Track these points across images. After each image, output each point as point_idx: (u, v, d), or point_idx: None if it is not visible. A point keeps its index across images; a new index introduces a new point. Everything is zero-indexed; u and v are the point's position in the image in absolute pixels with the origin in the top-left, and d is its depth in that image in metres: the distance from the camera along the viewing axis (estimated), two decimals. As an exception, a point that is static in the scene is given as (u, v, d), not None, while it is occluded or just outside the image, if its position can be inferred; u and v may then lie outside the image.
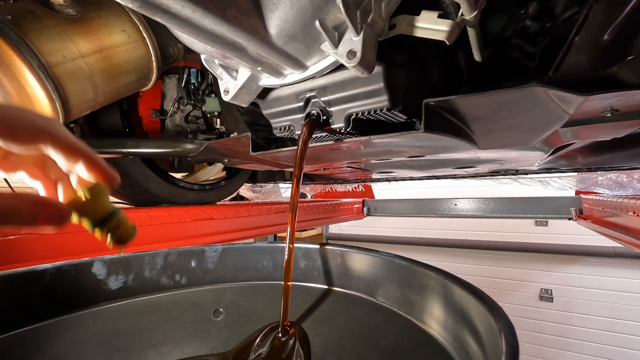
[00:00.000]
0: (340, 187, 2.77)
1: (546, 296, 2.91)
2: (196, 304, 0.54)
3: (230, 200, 1.82)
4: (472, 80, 0.67)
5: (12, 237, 0.68)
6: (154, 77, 0.80)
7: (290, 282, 0.47)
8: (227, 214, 1.26)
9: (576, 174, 1.82)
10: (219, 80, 0.53)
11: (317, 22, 0.37)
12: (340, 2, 0.34)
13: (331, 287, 0.53)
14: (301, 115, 0.59)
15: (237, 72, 0.51)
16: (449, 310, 0.38)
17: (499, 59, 0.63)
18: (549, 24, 0.58)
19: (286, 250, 0.48)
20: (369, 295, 0.50)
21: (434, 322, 0.41)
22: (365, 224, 3.70)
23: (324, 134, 0.60)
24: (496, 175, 1.68)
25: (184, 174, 1.37)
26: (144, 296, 0.51)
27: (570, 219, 2.04)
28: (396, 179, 1.93)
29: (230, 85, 0.52)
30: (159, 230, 0.99)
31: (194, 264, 0.55)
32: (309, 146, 0.54)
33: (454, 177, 1.79)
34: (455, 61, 0.65)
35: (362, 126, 0.57)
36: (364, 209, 2.75)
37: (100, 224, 0.29)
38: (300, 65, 0.46)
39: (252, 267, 0.56)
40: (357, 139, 0.59)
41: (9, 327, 0.40)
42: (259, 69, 0.46)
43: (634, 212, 1.13)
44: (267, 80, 0.51)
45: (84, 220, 0.29)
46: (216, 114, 1.10)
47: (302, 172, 0.52)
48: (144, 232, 0.95)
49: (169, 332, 0.51)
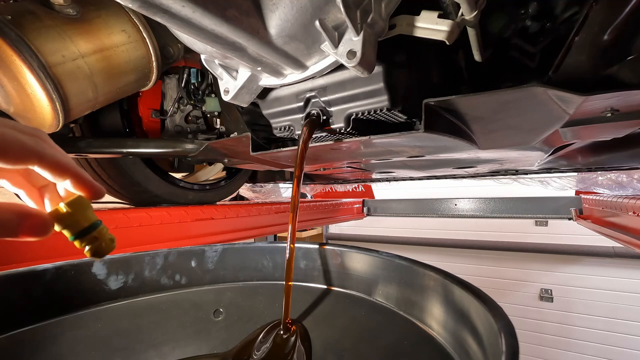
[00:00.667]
0: (340, 187, 2.77)
1: (546, 296, 2.91)
2: (196, 304, 0.54)
3: (230, 200, 1.82)
4: (472, 80, 0.67)
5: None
6: (154, 77, 0.80)
7: (291, 281, 0.48)
8: (227, 214, 1.26)
9: (576, 174, 1.82)
10: (219, 80, 0.53)
11: (317, 22, 0.37)
12: (340, 2, 0.34)
13: (331, 287, 0.53)
14: (301, 115, 0.59)
15: (237, 72, 0.51)
16: (449, 310, 0.38)
17: (499, 59, 0.63)
18: (549, 24, 0.58)
19: (287, 249, 0.48)
20: (369, 295, 0.50)
21: (434, 322, 0.41)
22: (365, 224, 3.70)
23: (324, 134, 0.60)
24: (496, 175, 1.68)
25: (184, 174, 1.37)
26: (144, 296, 0.51)
27: (570, 219, 2.04)
28: (396, 179, 1.93)
29: (230, 85, 0.52)
30: (159, 230, 0.99)
31: (194, 264, 0.55)
32: (309, 146, 0.54)
33: (454, 177, 1.79)
34: (455, 61, 0.65)
35: (362, 126, 0.57)
36: (364, 209, 2.75)
37: (80, 235, 0.30)
38: (300, 65, 0.46)
39: (252, 267, 0.57)
40: (357, 139, 0.59)
41: (9, 327, 0.40)
42: (259, 69, 0.46)
43: (634, 212, 1.13)
44: (267, 80, 0.51)
45: (65, 231, 0.29)
46: (216, 114, 1.10)
47: (302, 173, 0.52)
48: (144, 232, 0.95)
49: (169, 332, 0.51)
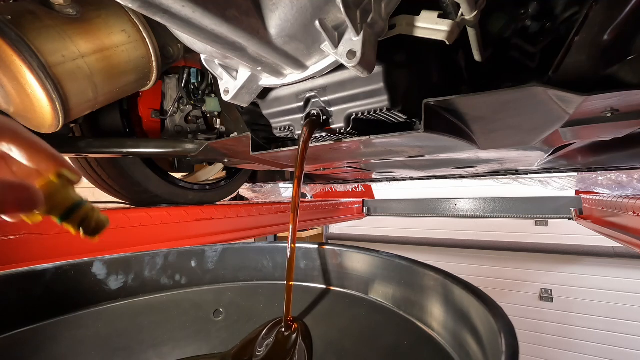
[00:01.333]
0: (340, 187, 2.77)
1: (546, 296, 2.91)
2: (196, 304, 0.54)
3: (230, 200, 1.82)
4: (472, 80, 0.67)
5: (12, 237, 0.68)
6: (154, 77, 0.80)
7: (292, 281, 0.48)
8: (227, 214, 1.26)
9: (576, 174, 1.82)
10: (219, 80, 0.53)
11: (317, 22, 0.37)
12: (340, 2, 0.34)
13: (331, 287, 0.53)
14: (301, 115, 0.59)
15: (237, 72, 0.51)
16: (449, 310, 0.38)
17: (499, 59, 0.63)
18: (549, 24, 0.58)
19: (288, 249, 0.48)
20: (369, 295, 0.50)
21: (434, 322, 0.41)
22: (365, 224, 3.70)
23: (324, 134, 0.60)
24: (496, 175, 1.68)
25: (184, 174, 1.37)
26: (144, 296, 0.51)
27: (570, 219, 2.04)
28: (396, 179, 1.93)
29: (230, 85, 0.52)
30: (159, 230, 1.00)
31: (194, 264, 0.55)
32: (309, 146, 0.54)
33: (454, 177, 1.79)
34: (455, 61, 0.65)
35: (362, 126, 0.57)
36: (364, 209, 2.75)
37: (67, 215, 0.29)
38: (300, 65, 0.46)
39: (252, 267, 0.57)
40: (357, 139, 0.59)
41: (9, 327, 0.40)
42: (259, 69, 0.46)
43: (634, 212, 1.13)
44: (267, 80, 0.51)
45: (52, 213, 0.28)
46: (216, 114, 1.10)
47: (303, 173, 0.52)
48: (144, 232, 0.95)
49: (169, 332, 0.51)
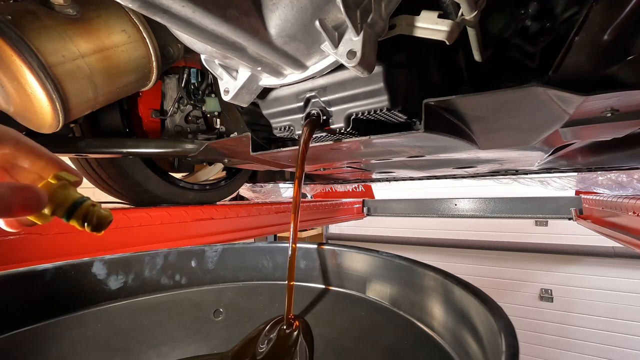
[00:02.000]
0: (340, 187, 2.77)
1: (546, 296, 2.91)
2: (196, 304, 0.54)
3: (230, 200, 1.82)
4: (472, 80, 0.67)
5: (12, 237, 0.68)
6: (154, 77, 0.80)
7: (293, 279, 0.48)
8: (227, 214, 1.26)
9: (576, 174, 1.82)
10: (219, 80, 0.53)
11: (317, 22, 0.37)
12: (340, 2, 0.34)
13: (331, 287, 0.53)
14: (301, 115, 0.59)
15: (237, 72, 0.51)
16: (449, 310, 0.38)
17: (499, 59, 0.63)
18: (549, 24, 0.58)
19: (289, 249, 0.48)
20: (369, 295, 0.50)
21: (434, 322, 0.41)
22: (365, 224, 3.70)
23: (324, 134, 0.60)
24: (496, 175, 1.68)
25: (184, 174, 1.37)
26: (144, 296, 0.50)
27: (570, 219, 2.05)
28: (396, 179, 1.93)
29: (230, 85, 0.52)
30: (159, 230, 1.00)
31: (194, 264, 0.55)
32: (309, 146, 0.54)
33: (454, 177, 1.79)
34: (455, 61, 0.65)
35: (362, 126, 0.57)
36: (364, 209, 2.75)
37: (71, 213, 0.30)
38: (300, 65, 0.46)
39: (252, 267, 0.57)
40: (357, 139, 0.59)
41: (9, 327, 0.40)
42: (259, 69, 0.46)
43: (634, 212, 1.13)
44: (267, 80, 0.51)
45: (57, 212, 0.29)
46: (216, 114, 1.10)
47: (303, 173, 0.53)
48: (144, 232, 0.95)
49: (169, 332, 0.51)
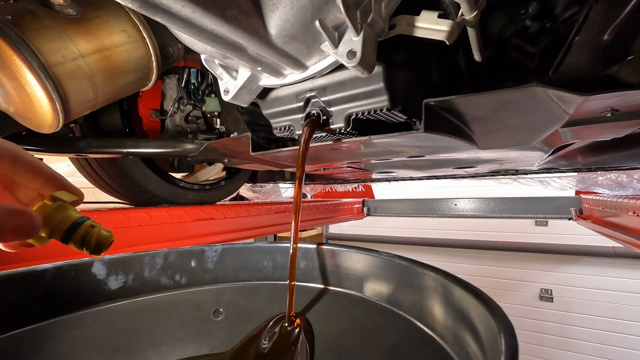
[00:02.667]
0: (340, 187, 2.77)
1: (546, 296, 2.91)
2: (196, 304, 0.54)
3: (230, 200, 1.82)
4: (472, 80, 0.67)
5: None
6: (154, 77, 0.80)
7: (294, 280, 0.48)
8: (227, 214, 1.26)
9: (576, 174, 1.82)
10: (219, 80, 0.53)
11: (317, 22, 0.37)
12: (340, 2, 0.34)
13: (330, 287, 0.53)
14: (301, 115, 0.59)
15: (237, 72, 0.51)
16: (449, 310, 0.38)
17: (499, 59, 0.63)
18: (549, 24, 0.58)
19: (290, 249, 0.49)
20: (369, 295, 0.50)
21: (434, 322, 0.41)
22: (365, 224, 3.70)
23: (324, 134, 0.60)
24: (496, 175, 1.68)
25: (184, 174, 1.37)
26: (144, 296, 0.51)
27: (570, 219, 2.04)
28: (396, 179, 1.93)
29: (230, 85, 0.52)
30: (159, 230, 0.99)
31: (193, 264, 0.55)
32: (309, 146, 0.54)
33: (454, 177, 1.79)
34: (455, 61, 0.65)
35: (362, 126, 0.57)
36: (364, 209, 2.75)
37: (69, 236, 0.29)
38: (300, 65, 0.46)
39: (252, 267, 0.57)
40: (357, 139, 0.59)
41: (9, 327, 0.40)
42: (259, 69, 0.46)
43: (634, 212, 1.13)
44: (267, 80, 0.51)
45: (53, 234, 0.28)
46: (216, 114, 1.10)
47: (304, 174, 0.53)
48: (144, 232, 0.95)
49: (169, 332, 0.51)
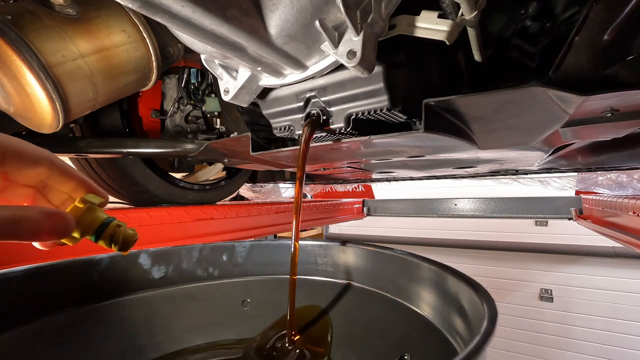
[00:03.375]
0: (340, 187, 2.77)
1: (546, 296, 2.91)
2: (227, 294, 0.59)
3: (230, 200, 1.82)
4: (472, 80, 0.67)
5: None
6: (154, 77, 0.80)
7: (296, 275, 0.50)
8: (227, 214, 1.26)
9: (576, 174, 1.82)
10: (219, 80, 0.53)
11: (317, 22, 0.37)
12: (340, 2, 0.34)
13: (351, 282, 0.57)
14: (301, 115, 0.59)
15: (237, 72, 0.51)
16: (464, 313, 0.39)
17: (499, 59, 0.63)
18: (549, 24, 0.58)
19: (292, 247, 0.51)
20: (385, 291, 0.52)
21: (450, 319, 0.42)
22: (365, 224, 3.70)
23: (324, 134, 0.60)
24: (496, 175, 1.68)
25: (184, 174, 1.37)
26: (181, 285, 0.57)
27: (570, 219, 2.04)
28: (396, 179, 1.93)
29: (230, 85, 0.52)
30: (159, 230, 0.99)
31: (225, 258, 0.61)
32: (309, 146, 0.55)
33: (454, 177, 1.79)
34: (455, 61, 0.65)
35: (362, 126, 0.57)
36: (364, 209, 2.75)
37: (99, 234, 0.31)
38: (300, 65, 0.46)
39: (277, 263, 0.61)
40: (357, 139, 0.59)
41: (72, 306, 0.47)
42: (259, 69, 0.46)
43: (634, 212, 1.13)
44: (267, 80, 0.51)
45: (85, 233, 0.31)
46: (216, 114, 1.10)
47: (304, 174, 0.53)
48: (144, 232, 0.95)
49: (203, 318, 0.57)
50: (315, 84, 0.55)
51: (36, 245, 0.31)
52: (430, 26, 0.43)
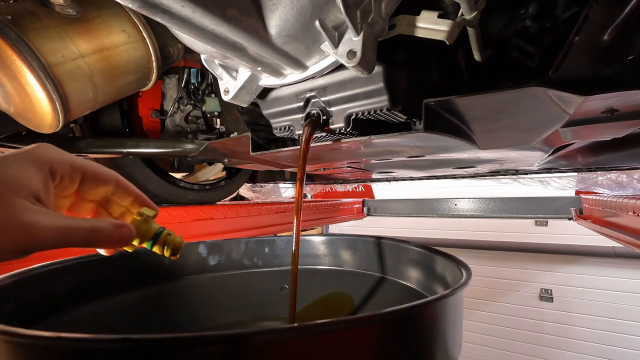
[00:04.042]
0: (340, 187, 2.77)
1: (546, 296, 2.91)
2: (268, 281, 0.69)
3: (230, 200, 1.82)
4: (472, 80, 0.67)
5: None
6: (154, 77, 0.80)
7: (297, 266, 0.52)
8: (227, 214, 1.26)
9: (576, 174, 1.82)
10: (219, 80, 0.53)
11: (317, 22, 0.37)
12: (340, 2, 0.34)
13: (386, 276, 0.63)
14: (301, 115, 0.59)
15: (237, 72, 0.51)
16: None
17: (499, 59, 0.63)
18: (549, 24, 0.58)
19: (292, 245, 0.52)
20: (416, 285, 0.56)
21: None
22: (365, 224, 3.70)
23: (324, 134, 0.60)
24: (496, 175, 1.68)
25: (184, 174, 1.37)
26: (232, 271, 0.67)
27: (570, 219, 2.04)
28: (396, 179, 1.93)
29: (230, 85, 0.52)
30: (159, 230, 0.99)
31: (267, 250, 0.70)
32: (309, 146, 0.55)
33: (454, 177, 1.79)
34: (455, 61, 0.65)
35: (362, 126, 0.57)
36: (364, 209, 2.75)
37: (154, 242, 0.36)
38: (300, 65, 0.46)
39: (311, 255, 0.70)
40: (357, 139, 0.59)
41: (148, 284, 0.57)
42: (259, 69, 0.46)
43: (634, 212, 1.13)
44: (267, 80, 0.51)
45: (142, 242, 0.35)
46: (216, 114, 1.10)
47: (305, 174, 0.53)
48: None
49: (248, 299, 0.67)
50: (315, 84, 0.55)
51: (101, 252, 0.35)
52: (430, 26, 0.43)
